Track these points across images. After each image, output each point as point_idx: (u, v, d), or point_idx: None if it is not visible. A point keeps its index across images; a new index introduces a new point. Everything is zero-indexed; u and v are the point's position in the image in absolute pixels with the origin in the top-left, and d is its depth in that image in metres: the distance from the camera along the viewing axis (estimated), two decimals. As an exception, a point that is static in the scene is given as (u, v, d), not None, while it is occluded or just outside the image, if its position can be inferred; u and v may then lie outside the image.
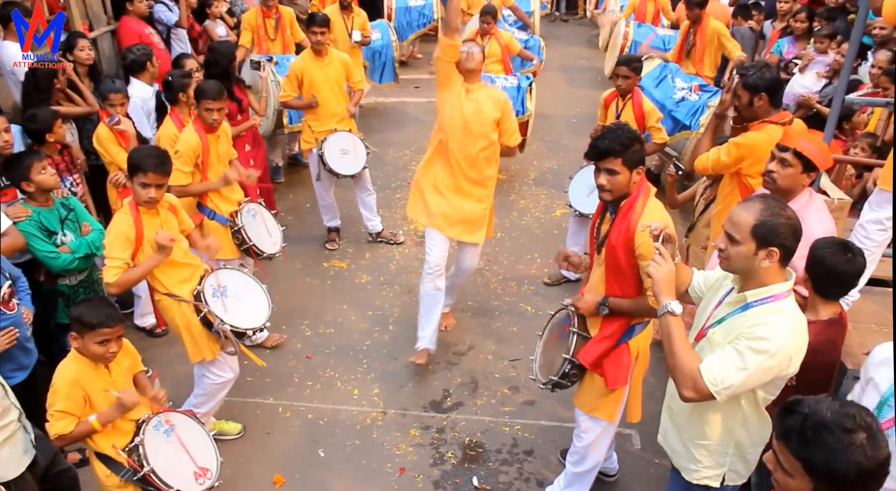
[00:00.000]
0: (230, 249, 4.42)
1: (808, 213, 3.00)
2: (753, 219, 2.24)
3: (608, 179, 2.89)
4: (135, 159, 3.43)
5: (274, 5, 7.35)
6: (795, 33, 6.80)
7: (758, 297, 2.27)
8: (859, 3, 3.34)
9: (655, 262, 2.36)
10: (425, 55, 11.30)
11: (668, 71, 6.64)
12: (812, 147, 2.98)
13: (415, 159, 7.82)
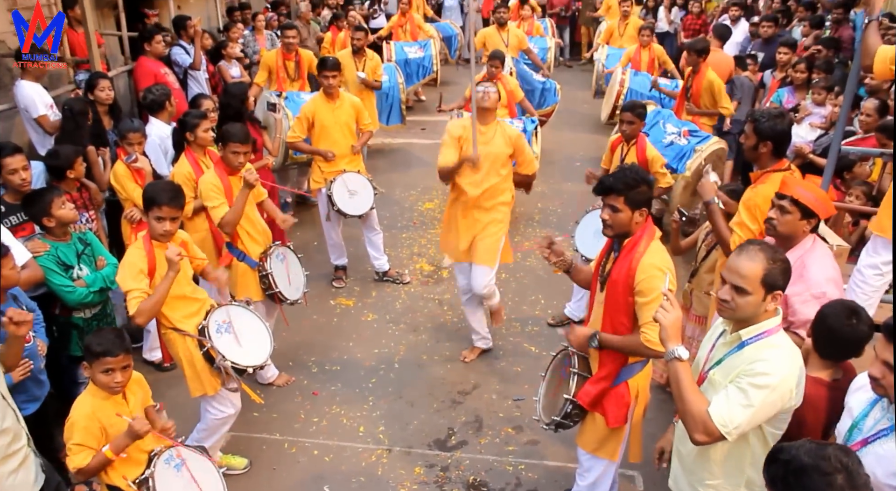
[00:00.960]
0: (255, 291, 4.49)
1: (810, 258, 3.09)
2: (762, 269, 2.32)
3: (610, 215, 3.02)
4: (150, 193, 3.57)
5: (294, 48, 7.57)
6: (795, 83, 6.97)
7: (752, 334, 2.37)
8: (854, 59, 3.48)
9: (664, 307, 2.44)
10: (428, 98, 11.54)
11: (661, 116, 6.83)
12: (809, 194, 3.07)
13: (421, 200, 7.96)
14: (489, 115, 4.76)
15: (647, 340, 2.95)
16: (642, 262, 2.97)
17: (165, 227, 3.54)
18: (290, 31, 7.58)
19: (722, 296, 2.38)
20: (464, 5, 13.86)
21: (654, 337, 2.93)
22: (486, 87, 4.77)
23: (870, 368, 2.20)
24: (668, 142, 6.43)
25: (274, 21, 9.94)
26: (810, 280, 3.00)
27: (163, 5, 8.95)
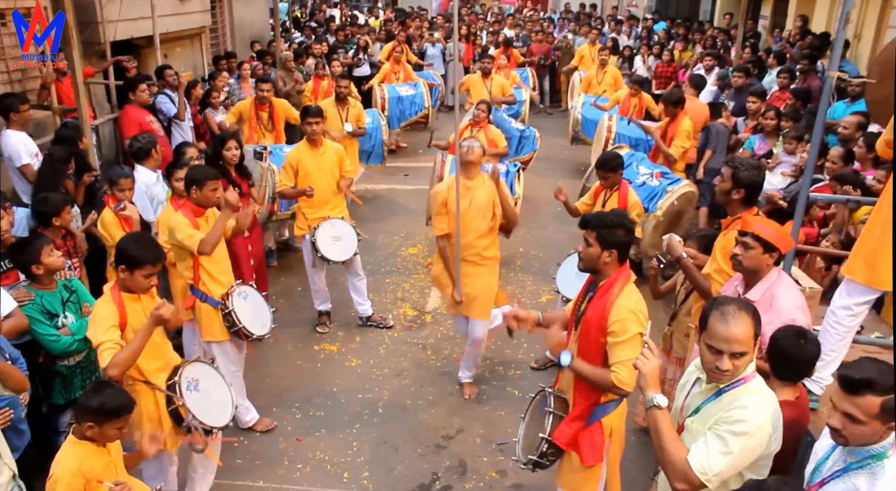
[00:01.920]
0: (220, 330, 4.50)
1: (778, 289, 3.24)
2: (753, 326, 2.37)
3: (582, 248, 3.19)
4: (134, 254, 3.41)
5: (268, 99, 7.69)
6: (766, 130, 7.19)
7: (731, 381, 2.41)
8: (819, 109, 3.65)
9: (644, 356, 2.50)
10: (411, 145, 11.72)
11: (634, 159, 7.02)
12: (769, 230, 3.24)
13: (404, 245, 8.04)
14: (473, 169, 4.96)
15: (617, 378, 3.04)
16: (616, 304, 3.07)
17: (153, 282, 3.48)
18: (264, 84, 7.69)
19: (723, 367, 2.36)
20: (445, 54, 14.18)
21: (623, 377, 3.02)
22: (470, 142, 5.03)
23: (828, 418, 2.25)
24: (641, 182, 6.61)
25: (259, 69, 10.10)
26: (780, 309, 3.13)
27: (149, 54, 9.09)
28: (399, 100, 10.71)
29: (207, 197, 4.38)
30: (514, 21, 17.68)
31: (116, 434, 2.94)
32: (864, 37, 10.25)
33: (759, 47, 12.29)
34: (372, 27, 15.72)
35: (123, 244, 3.47)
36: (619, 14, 18.77)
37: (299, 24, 16.62)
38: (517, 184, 7.12)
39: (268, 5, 14.48)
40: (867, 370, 2.17)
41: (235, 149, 5.68)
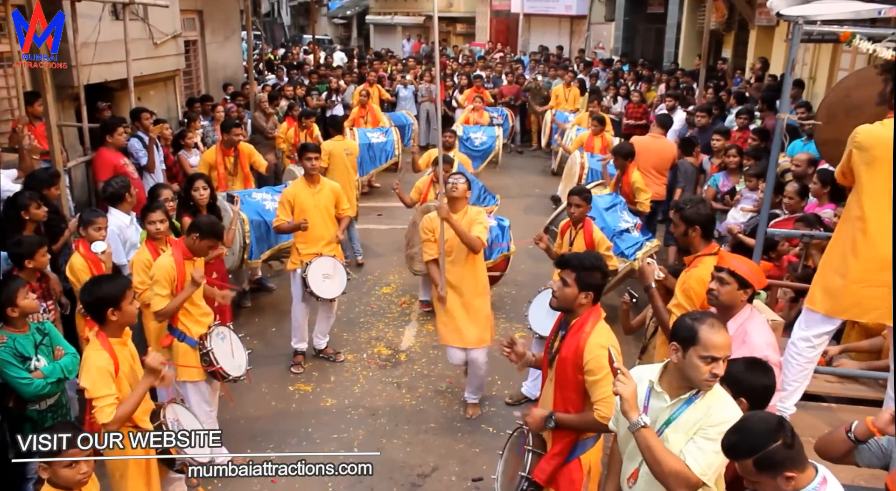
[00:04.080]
0: (197, 370, 4.52)
1: (750, 325, 3.35)
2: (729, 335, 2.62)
3: (559, 288, 3.24)
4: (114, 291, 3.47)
5: (235, 144, 7.72)
6: (729, 167, 7.43)
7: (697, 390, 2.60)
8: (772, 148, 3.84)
9: (620, 381, 2.63)
10: (384, 185, 11.85)
11: (619, 202, 7.18)
12: (744, 266, 3.37)
13: (378, 284, 8.08)
14: (459, 204, 5.22)
15: (600, 416, 3.12)
16: (589, 341, 3.16)
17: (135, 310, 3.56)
18: (236, 129, 7.76)
19: (719, 372, 2.56)
20: (418, 95, 14.43)
21: (606, 413, 3.09)
22: (455, 178, 5.30)
23: None
24: (624, 228, 6.77)
25: (233, 111, 10.21)
26: (753, 345, 3.24)
27: (122, 97, 9.15)
28: (370, 146, 10.79)
29: (202, 249, 4.55)
30: (485, 63, 18.07)
31: (69, 474, 2.92)
32: (818, 78, 10.68)
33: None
34: (346, 68, 15.95)
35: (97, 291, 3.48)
36: (586, 56, 19.27)
37: (272, 67, 16.81)
38: (512, 240, 7.20)
39: (241, 48, 14.68)
40: None
41: (203, 189, 5.79)
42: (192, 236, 4.55)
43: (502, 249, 7.07)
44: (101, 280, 3.68)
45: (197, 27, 12.67)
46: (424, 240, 5.31)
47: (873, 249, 3.41)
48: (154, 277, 4.42)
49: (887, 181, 3.33)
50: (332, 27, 37.13)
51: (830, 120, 3.87)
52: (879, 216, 3.38)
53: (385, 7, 31.75)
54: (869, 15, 3.84)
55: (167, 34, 10.19)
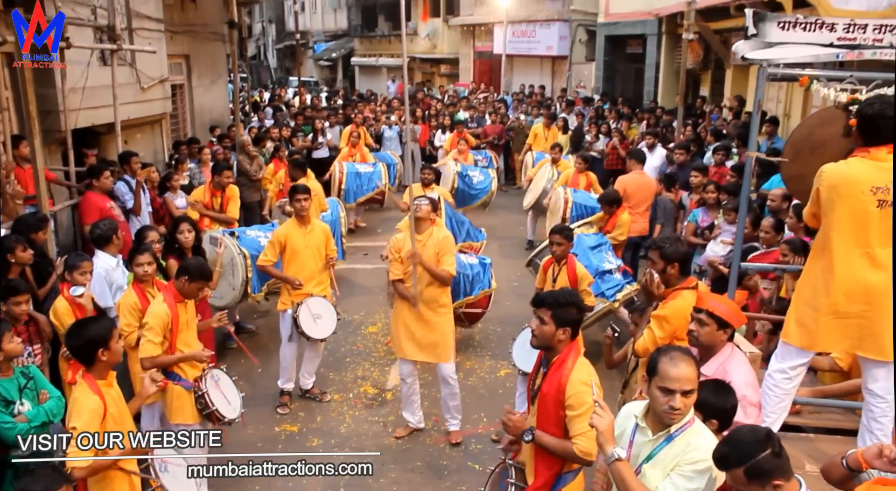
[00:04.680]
0: (191, 413, 4.53)
1: (731, 365, 3.41)
2: (695, 371, 2.66)
3: (537, 326, 3.30)
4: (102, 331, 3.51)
5: (224, 185, 7.83)
6: (708, 203, 7.58)
7: (679, 426, 2.65)
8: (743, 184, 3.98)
9: (597, 413, 2.71)
10: (369, 224, 11.95)
11: (604, 242, 7.28)
12: (722, 307, 3.45)
13: (364, 323, 8.11)
14: (423, 225, 5.52)
15: (579, 449, 3.16)
16: (571, 377, 3.22)
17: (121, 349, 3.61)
18: (227, 171, 7.88)
19: (675, 405, 2.61)
20: (402, 136, 14.62)
21: (585, 446, 3.14)
22: (419, 200, 5.57)
23: None
24: (608, 269, 6.88)
25: (220, 153, 10.31)
26: (732, 384, 3.28)
27: (109, 140, 9.25)
28: (357, 175, 11.00)
29: (192, 292, 4.62)
30: (469, 103, 18.36)
31: None
32: (792, 115, 10.97)
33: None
34: (332, 110, 16.16)
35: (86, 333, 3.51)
36: (568, 95, 19.63)
37: (259, 109, 17.02)
38: (493, 277, 7.29)
39: (228, 91, 14.89)
40: None
41: (188, 232, 5.87)
42: (181, 279, 4.60)
43: (483, 285, 7.09)
44: (86, 322, 3.72)
45: (184, 71, 12.88)
46: (391, 260, 5.55)
47: (842, 283, 3.52)
48: (148, 324, 4.44)
49: (852, 217, 3.46)
50: (317, 69, 37.68)
51: (796, 157, 4.02)
52: (846, 251, 3.49)
53: (370, 49, 32.30)
54: (828, 58, 4.02)
55: (154, 79, 10.36)
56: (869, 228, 3.44)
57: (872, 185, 3.41)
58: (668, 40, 17.03)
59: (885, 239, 3.42)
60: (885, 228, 3.40)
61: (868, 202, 3.43)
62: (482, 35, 26.06)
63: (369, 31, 32.19)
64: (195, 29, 12.93)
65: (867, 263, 3.46)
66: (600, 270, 6.78)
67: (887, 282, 3.46)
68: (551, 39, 22.21)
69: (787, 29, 3.95)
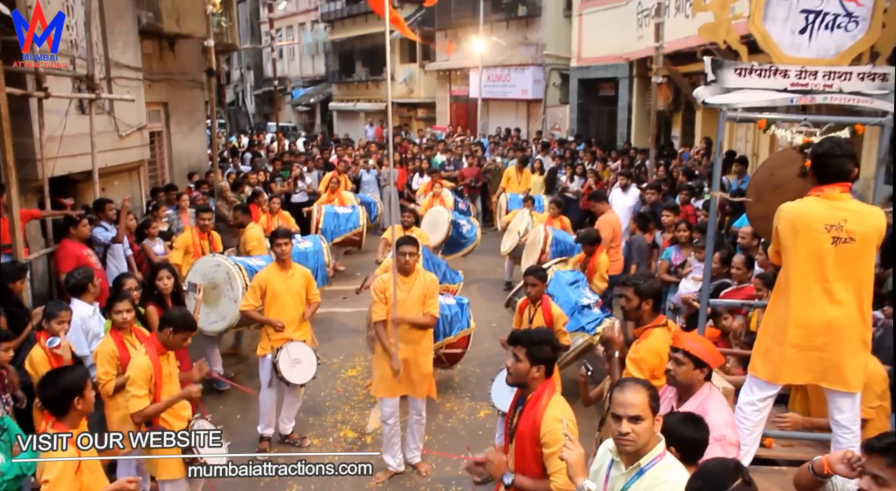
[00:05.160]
0: (178, 467, 4.44)
1: (709, 404, 3.47)
2: (646, 395, 2.72)
3: (512, 364, 3.38)
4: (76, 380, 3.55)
5: (208, 228, 7.92)
6: (680, 241, 7.74)
7: (649, 460, 2.70)
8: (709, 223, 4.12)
9: (567, 447, 2.77)
10: (349, 268, 11.99)
11: (581, 278, 7.41)
12: (699, 346, 3.53)
13: (344, 367, 8.10)
14: (410, 269, 5.62)
15: (556, 486, 3.20)
16: (546, 414, 3.28)
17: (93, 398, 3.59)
18: (205, 213, 7.98)
19: (623, 430, 2.69)
20: (380, 180, 14.78)
21: (561, 483, 3.18)
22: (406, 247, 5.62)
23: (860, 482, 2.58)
24: (586, 304, 6.98)
25: (199, 199, 10.37)
26: (711, 424, 3.34)
27: (86, 188, 9.26)
28: (335, 215, 11.11)
29: (177, 343, 4.59)
30: (446, 146, 18.63)
31: None
32: (760, 154, 11.28)
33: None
34: (310, 155, 16.33)
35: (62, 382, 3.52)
36: (543, 137, 19.99)
37: (236, 154, 17.15)
38: (471, 317, 7.36)
39: (206, 137, 15.00)
40: None
41: (168, 278, 5.89)
42: (165, 331, 4.55)
43: (462, 325, 7.15)
44: (61, 371, 3.72)
45: (162, 118, 13.00)
46: (374, 301, 5.60)
47: (803, 317, 3.64)
48: (130, 377, 4.39)
49: (809, 254, 3.59)
50: (296, 114, 38.05)
51: (759, 197, 4.18)
52: (806, 286, 3.62)
53: (348, 94, 32.74)
54: (783, 103, 4.22)
55: (132, 126, 10.44)
56: (825, 264, 3.58)
57: (827, 223, 3.56)
58: (640, 83, 17.50)
59: (840, 274, 3.57)
60: (841, 264, 3.56)
61: (823, 239, 3.57)
62: (458, 79, 26.58)
63: (347, 76, 32.68)
64: (174, 77, 13.09)
65: (826, 298, 3.59)
66: (580, 304, 6.88)
67: (846, 315, 3.59)
68: (526, 83, 22.74)
69: (743, 75, 4.15)
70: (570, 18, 20.66)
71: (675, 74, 13.95)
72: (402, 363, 5.57)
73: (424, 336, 5.71)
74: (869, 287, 3.67)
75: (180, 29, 12.15)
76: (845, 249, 3.56)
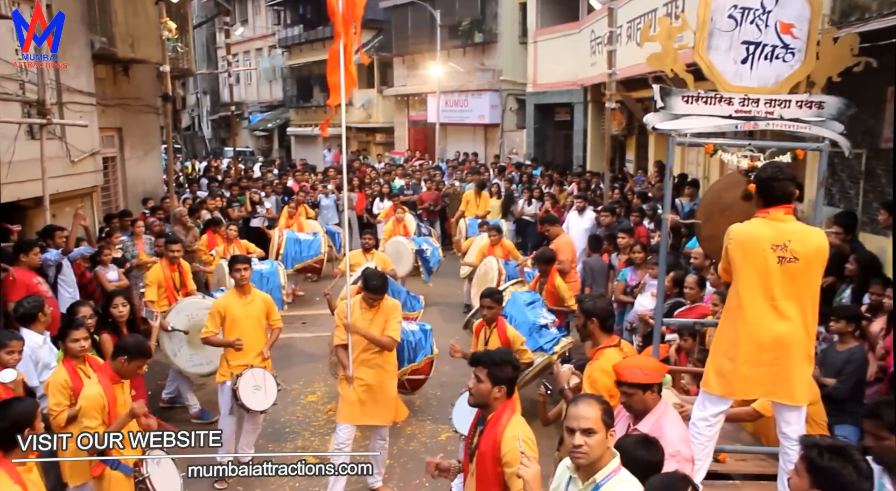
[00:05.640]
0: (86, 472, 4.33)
1: (665, 421, 3.57)
2: (599, 409, 2.79)
3: (474, 385, 3.43)
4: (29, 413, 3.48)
5: (177, 260, 7.79)
6: (636, 262, 7.91)
7: (604, 475, 2.76)
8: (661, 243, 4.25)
9: (524, 464, 2.82)
10: (307, 293, 11.92)
11: (538, 299, 7.49)
12: (637, 372, 3.60)
13: (304, 392, 8.03)
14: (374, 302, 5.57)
15: None
16: (506, 434, 3.33)
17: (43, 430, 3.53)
18: (174, 245, 7.84)
19: (576, 443, 2.75)
20: (338, 205, 14.76)
21: None
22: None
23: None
24: (544, 324, 7.05)
25: (155, 226, 10.20)
26: (667, 440, 3.42)
27: (36, 215, 9.08)
28: (297, 241, 11.07)
29: (132, 371, 4.48)
30: (404, 171, 18.72)
31: None
32: (711, 176, 11.62)
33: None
34: (267, 181, 16.23)
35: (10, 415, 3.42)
36: (501, 161, 20.24)
37: (193, 181, 16.98)
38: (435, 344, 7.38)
39: (161, 162, 14.83)
40: None
41: (122, 306, 5.80)
42: (119, 359, 4.45)
43: (426, 351, 7.19)
44: (9, 403, 3.60)
45: (116, 144, 12.84)
46: (336, 325, 5.62)
47: (753, 334, 3.77)
48: (83, 408, 4.28)
49: (757, 273, 3.74)
50: (253, 139, 37.80)
51: (708, 219, 4.34)
52: (755, 303, 3.76)
53: (306, 119, 32.70)
54: (728, 129, 4.40)
55: (85, 152, 10.30)
56: (772, 283, 3.73)
57: (772, 243, 3.72)
58: (594, 108, 17.89)
59: (786, 292, 3.72)
60: (786, 282, 3.71)
61: (770, 259, 3.72)
62: (416, 105, 26.81)
63: (305, 101, 32.65)
64: (128, 102, 12.97)
65: (774, 315, 3.73)
66: (537, 324, 6.96)
67: (794, 331, 3.74)
68: (483, 108, 23.06)
69: (690, 102, 4.33)
70: (525, 45, 21.09)
71: (628, 100, 14.32)
72: (366, 388, 5.54)
73: (388, 361, 5.68)
74: (814, 304, 3.83)
75: (135, 54, 12.06)
76: (790, 268, 3.71)
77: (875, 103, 7.43)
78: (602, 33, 14.06)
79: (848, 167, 8.06)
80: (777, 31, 4.36)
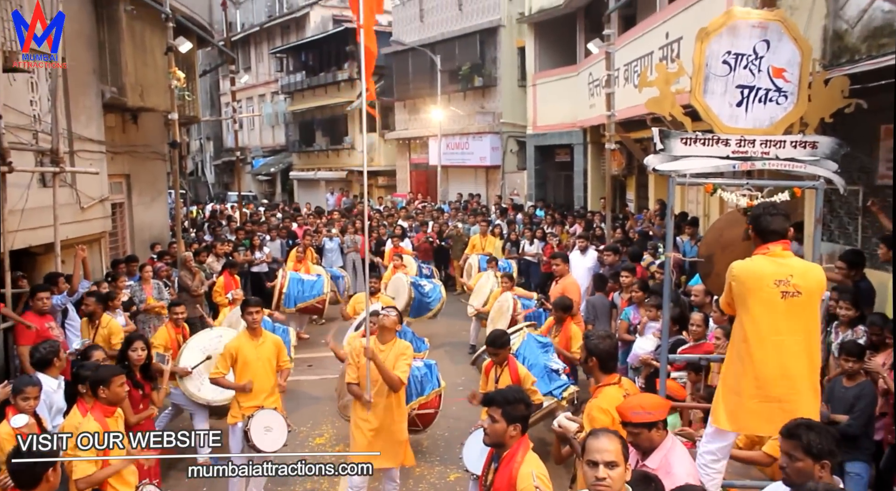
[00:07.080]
0: None
1: (673, 457, 3.59)
2: (619, 443, 2.85)
3: (489, 425, 3.46)
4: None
5: (181, 321, 7.83)
6: (636, 301, 7.96)
7: None
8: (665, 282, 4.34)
9: None
10: (312, 335, 11.96)
11: (550, 346, 7.50)
12: (641, 412, 3.59)
13: (311, 435, 8.02)
14: (388, 335, 5.65)
15: None
16: (521, 470, 3.38)
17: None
18: (178, 307, 7.89)
19: (599, 475, 2.78)
20: (343, 248, 14.88)
21: None
22: (387, 310, 5.76)
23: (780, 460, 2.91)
24: (554, 369, 7.08)
25: (163, 271, 10.31)
26: (675, 476, 3.47)
27: (45, 261, 9.19)
28: (300, 282, 11.13)
29: (117, 393, 4.53)
30: (407, 213, 18.90)
31: None
32: (711, 215, 11.74)
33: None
34: (272, 225, 16.40)
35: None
36: (503, 202, 20.44)
37: (199, 227, 17.15)
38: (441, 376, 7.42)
39: (168, 207, 15.01)
40: None
41: (142, 350, 5.86)
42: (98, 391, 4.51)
43: (434, 385, 7.21)
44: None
45: (124, 190, 13.02)
46: (348, 364, 5.68)
47: (759, 368, 3.84)
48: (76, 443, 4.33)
49: (762, 308, 3.82)
50: (256, 183, 38.17)
51: (710, 256, 4.45)
52: (760, 338, 3.84)
53: (308, 163, 33.08)
54: (726, 169, 4.55)
55: (94, 198, 10.46)
56: (777, 317, 3.81)
57: (775, 279, 3.81)
58: (594, 149, 18.14)
59: (791, 326, 3.80)
60: (791, 316, 3.79)
61: (774, 294, 3.81)
62: (417, 147, 27.15)
63: (307, 146, 33.07)
64: (136, 149, 13.20)
65: (780, 349, 3.80)
66: (549, 368, 7.00)
67: (800, 365, 3.80)
68: (484, 150, 23.36)
69: (688, 144, 4.48)
70: (524, 88, 21.48)
71: (627, 141, 14.54)
72: (377, 432, 5.55)
73: (396, 402, 5.69)
74: (817, 337, 3.92)
75: (144, 103, 12.32)
76: (794, 302, 3.80)
77: (869, 141, 7.58)
78: (600, 76, 14.35)
79: (846, 204, 8.19)
80: (770, 75, 4.54)
